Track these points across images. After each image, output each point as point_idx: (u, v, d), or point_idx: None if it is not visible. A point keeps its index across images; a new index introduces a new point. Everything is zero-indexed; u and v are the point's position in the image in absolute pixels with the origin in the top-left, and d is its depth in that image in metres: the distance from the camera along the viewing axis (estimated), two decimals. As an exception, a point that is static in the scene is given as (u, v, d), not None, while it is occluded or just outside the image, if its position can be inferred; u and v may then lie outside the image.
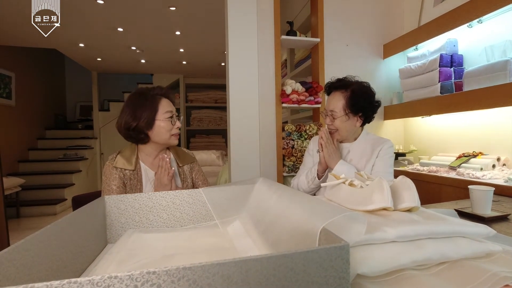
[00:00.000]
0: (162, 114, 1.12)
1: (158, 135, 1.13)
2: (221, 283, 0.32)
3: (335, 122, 1.25)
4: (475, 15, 1.68)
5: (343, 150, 1.32)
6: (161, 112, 1.12)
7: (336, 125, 1.25)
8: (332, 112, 1.25)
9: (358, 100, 1.22)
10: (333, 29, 2.26)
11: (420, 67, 2.01)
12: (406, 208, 0.62)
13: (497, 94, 1.51)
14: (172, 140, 1.16)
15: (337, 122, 1.25)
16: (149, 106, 1.11)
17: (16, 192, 3.81)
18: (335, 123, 1.25)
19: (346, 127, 1.25)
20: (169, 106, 1.15)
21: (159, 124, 1.12)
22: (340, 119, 1.24)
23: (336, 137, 1.29)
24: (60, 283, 0.29)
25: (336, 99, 1.25)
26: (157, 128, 1.12)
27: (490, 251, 0.53)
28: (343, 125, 1.25)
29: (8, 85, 4.37)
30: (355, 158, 1.28)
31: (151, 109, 1.11)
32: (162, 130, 1.12)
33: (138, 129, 1.11)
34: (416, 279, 0.47)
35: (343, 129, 1.26)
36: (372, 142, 1.29)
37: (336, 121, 1.25)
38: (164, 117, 1.12)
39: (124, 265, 0.56)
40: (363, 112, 1.24)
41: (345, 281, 0.37)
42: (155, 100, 1.13)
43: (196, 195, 0.83)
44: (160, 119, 1.12)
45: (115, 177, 1.09)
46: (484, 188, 0.96)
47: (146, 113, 1.10)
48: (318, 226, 0.43)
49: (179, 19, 3.38)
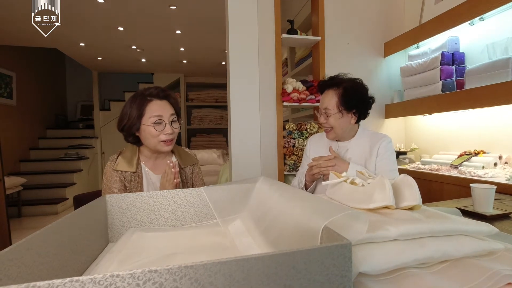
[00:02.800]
0: (147, 119, 1.06)
1: (146, 140, 1.09)
2: (222, 281, 0.32)
3: (329, 120, 1.24)
4: (476, 12, 1.67)
5: (342, 149, 1.31)
6: (147, 117, 1.06)
7: (331, 123, 1.25)
8: (326, 110, 1.24)
9: (350, 97, 1.22)
10: (334, 28, 2.26)
11: (422, 65, 2.00)
12: (408, 207, 0.62)
13: (499, 92, 1.50)
14: (161, 147, 1.08)
15: (332, 120, 1.24)
16: (136, 107, 1.06)
17: (17, 191, 3.82)
18: (329, 121, 1.24)
19: (341, 124, 1.24)
20: (158, 110, 1.07)
21: (144, 129, 1.06)
22: (334, 116, 1.23)
23: (331, 135, 1.29)
24: (62, 282, 0.29)
25: (329, 97, 1.24)
26: (143, 133, 1.08)
27: (492, 249, 0.53)
28: (337, 123, 1.24)
29: (9, 84, 4.38)
30: (354, 157, 1.27)
31: (137, 111, 1.06)
32: (147, 135, 1.07)
33: (126, 130, 1.08)
34: (418, 277, 0.46)
35: (338, 126, 1.25)
36: (370, 138, 1.28)
37: (330, 119, 1.24)
38: (149, 121, 1.05)
39: (126, 264, 0.56)
40: (356, 108, 1.24)
41: (347, 279, 0.36)
42: (144, 102, 1.07)
43: (197, 194, 0.83)
44: (145, 124, 1.06)
45: (116, 179, 1.07)
46: (486, 186, 0.96)
47: (133, 114, 1.06)
48: (320, 224, 0.43)
49: (179, 18, 3.38)
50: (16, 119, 4.51)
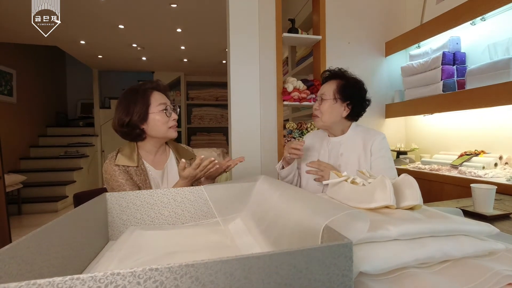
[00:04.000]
0: (155, 107, 1.09)
1: (154, 128, 1.10)
2: (223, 280, 0.32)
3: (322, 105, 1.24)
4: (478, 12, 1.66)
5: (335, 145, 1.29)
6: (154, 105, 1.09)
7: (322, 109, 1.24)
8: (322, 95, 1.25)
9: (349, 88, 1.23)
10: (335, 27, 2.25)
11: (422, 65, 2.00)
12: (408, 206, 0.61)
13: (500, 92, 1.50)
14: (170, 133, 1.13)
15: (324, 105, 1.24)
16: (140, 100, 1.08)
17: (17, 189, 3.82)
18: (322, 106, 1.24)
19: (332, 112, 1.23)
20: (161, 99, 1.12)
21: (154, 117, 1.09)
22: (328, 102, 1.23)
23: (319, 123, 1.28)
24: (63, 280, 0.29)
25: (329, 85, 1.26)
26: (152, 122, 1.09)
27: (492, 249, 0.53)
28: (328, 110, 1.23)
29: (9, 82, 4.37)
30: (346, 152, 1.25)
31: (143, 102, 1.08)
32: (157, 123, 1.09)
33: (132, 124, 1.08)
34: (418, 277, 0.46)
35: (327, 113, 1.23)
36: (363, 134, 1.26)
37: (323, 104, 1.24)
38: (158, 109, 1.09)
39: (126, 262, 0.56)
40: (351, 101, 1.23)
41: (348, 279, 0.36)
42: (146, 93, 1.10)
43: (197, 192, 0.83)
44: (154, 112, 1.09)
45: (120, 172, 1.06)
46: (486, 186, 0.96)
47: (138, 107, 1.07)
48: (320, 223, 0.43)
49: (180, 16, 3.37)
50: (16, 117, 4.51)
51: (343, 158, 1.24)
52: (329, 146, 1.31)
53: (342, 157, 1.24)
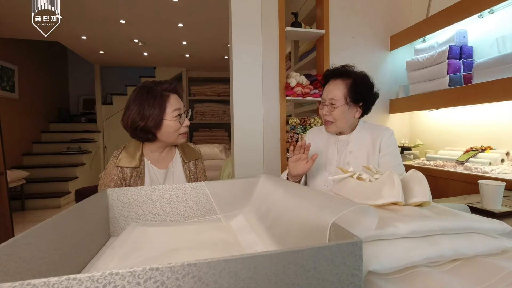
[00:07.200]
0: (170, 113, 1.06)
1: (165, 135, 1.08)
2: (228, 280, 0.31)
3: (334, 112, 1.15)
4: (486, 5, 1.62)
5: (342, 143, 1.24)
6: (170, 111, 1.06)
7: (335, 116, 1.16)
8: (331, 100, 1.15)
9: (360, 89, 1.15)
10: (339, 21, 2.22)
11: (428, 59, 1.96)
12: (417, 203, 0.60)
13: (508, 86, 1.47)
14: (180, 139, 1.11)
15: (337, 112, 1.15)
16: (158, 105, 1.05)
17: (20, 185, 3.84)
18: (334, 113, 1.15)
19: (346, 117, 1.16)
20: (177, 103, 1.08)
21: (167, 124, 1.06)
22: (341, 108, 1.14)
23: (332, 129, 1.20)
24: (59, 280, 0.27)
25: (337, 87, 1.15)
26: (164, 128, 1.06)
27: (506, 247, 0.51)
28: (342, 116, 1.15)
29: (11, 78, 4.37)
30: (355, 150, 1.20)
31: (160, 108, 1.04)
32: (170, 130, 1.07)
33: (145, 129, 1.05)
34: (429, 276, 0.45)
35: (342, 119, 1.16)
36: (371, 131, 1.21)
37: (335, 111, 1.15)
38: (172, 116, 1.06)
39: (127, 260, 0.55)
40: (363, 101, 1.17)
41: (358, 278, 0.35)
42: (164, 97, 1.06)
43: (199, 189, 0.82)
44: (168, 119, 1.06)
45: (114, 178, 1.05)
46: (495, 183, 0.93)
47: (155, 112, 1.04)
48: (327, 220, 0.41)
49: (181, 11, 3.34)
50: (18, 113, 4.51)
51: (352, 156, 1.20)
52: (338, 145, 1.24)
53: (351, 155, 1.20)
